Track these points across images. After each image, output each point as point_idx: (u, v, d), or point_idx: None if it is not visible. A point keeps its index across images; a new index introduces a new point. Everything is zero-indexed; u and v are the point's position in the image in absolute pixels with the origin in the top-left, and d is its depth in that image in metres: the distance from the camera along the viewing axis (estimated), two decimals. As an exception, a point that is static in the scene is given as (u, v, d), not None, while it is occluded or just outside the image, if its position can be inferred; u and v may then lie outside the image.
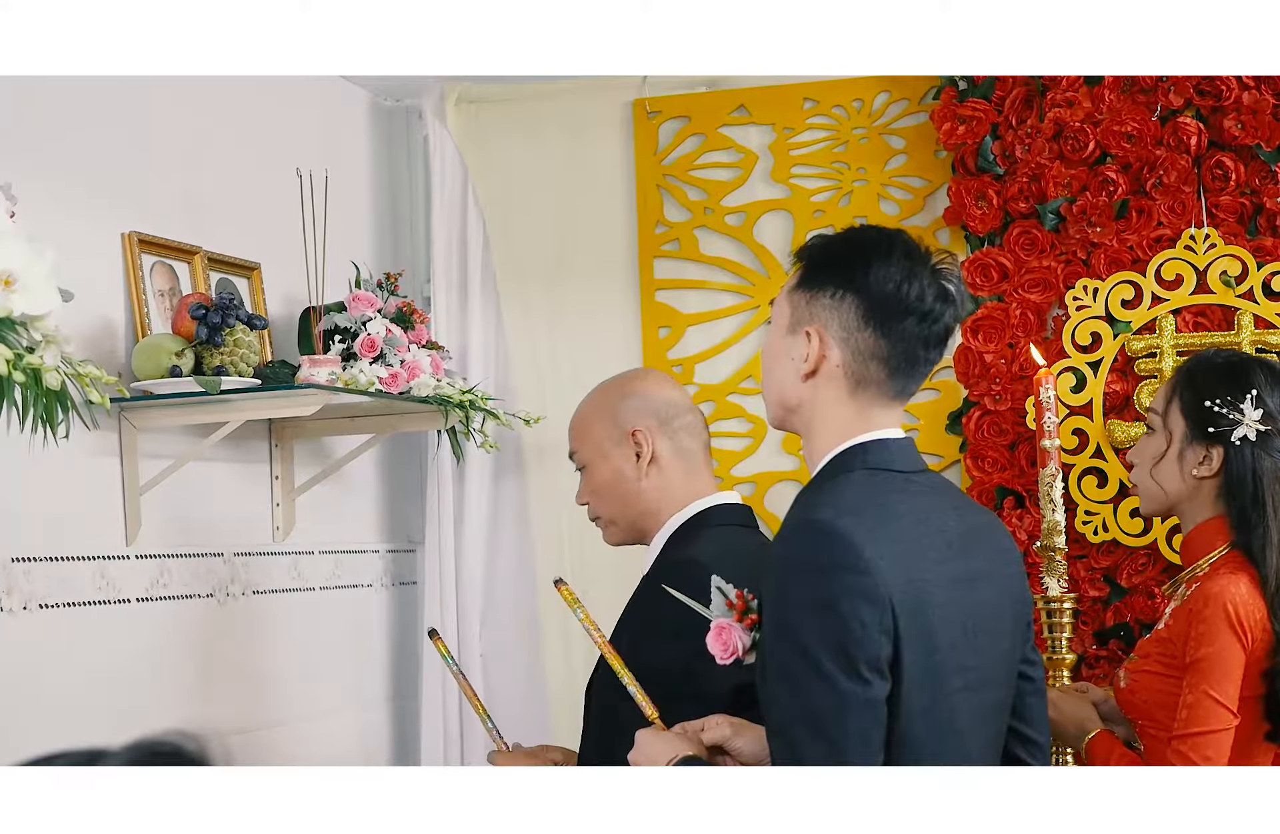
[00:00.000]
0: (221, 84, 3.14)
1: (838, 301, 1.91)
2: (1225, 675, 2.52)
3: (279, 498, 3.34)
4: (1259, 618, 2.54)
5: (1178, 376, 2.72)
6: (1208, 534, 2.66)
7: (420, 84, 3.77)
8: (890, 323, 1.89)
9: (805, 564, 1.80)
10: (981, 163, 3.42)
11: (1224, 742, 2.50)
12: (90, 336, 2.83)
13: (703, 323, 3.70)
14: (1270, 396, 2.63)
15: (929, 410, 3.51)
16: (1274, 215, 3.24)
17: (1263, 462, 2.61)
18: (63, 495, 2.74)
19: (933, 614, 1.81)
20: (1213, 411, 2.62)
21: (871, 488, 1.88)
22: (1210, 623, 2.54)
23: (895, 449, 1.93)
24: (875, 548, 1.78)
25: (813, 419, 1.96)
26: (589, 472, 2.59)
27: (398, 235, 3.94)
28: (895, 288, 1.88)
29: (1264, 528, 2.58)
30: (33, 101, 2.71)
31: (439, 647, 2.53)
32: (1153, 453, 2.70)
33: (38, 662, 2.65)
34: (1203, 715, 2.49)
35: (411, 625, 3.78)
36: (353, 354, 3.15)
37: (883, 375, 1.92)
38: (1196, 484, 2.66)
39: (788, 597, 1.81)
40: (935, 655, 1.81)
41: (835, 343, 1.91)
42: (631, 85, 3.75)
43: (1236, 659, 2.52)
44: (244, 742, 3.14)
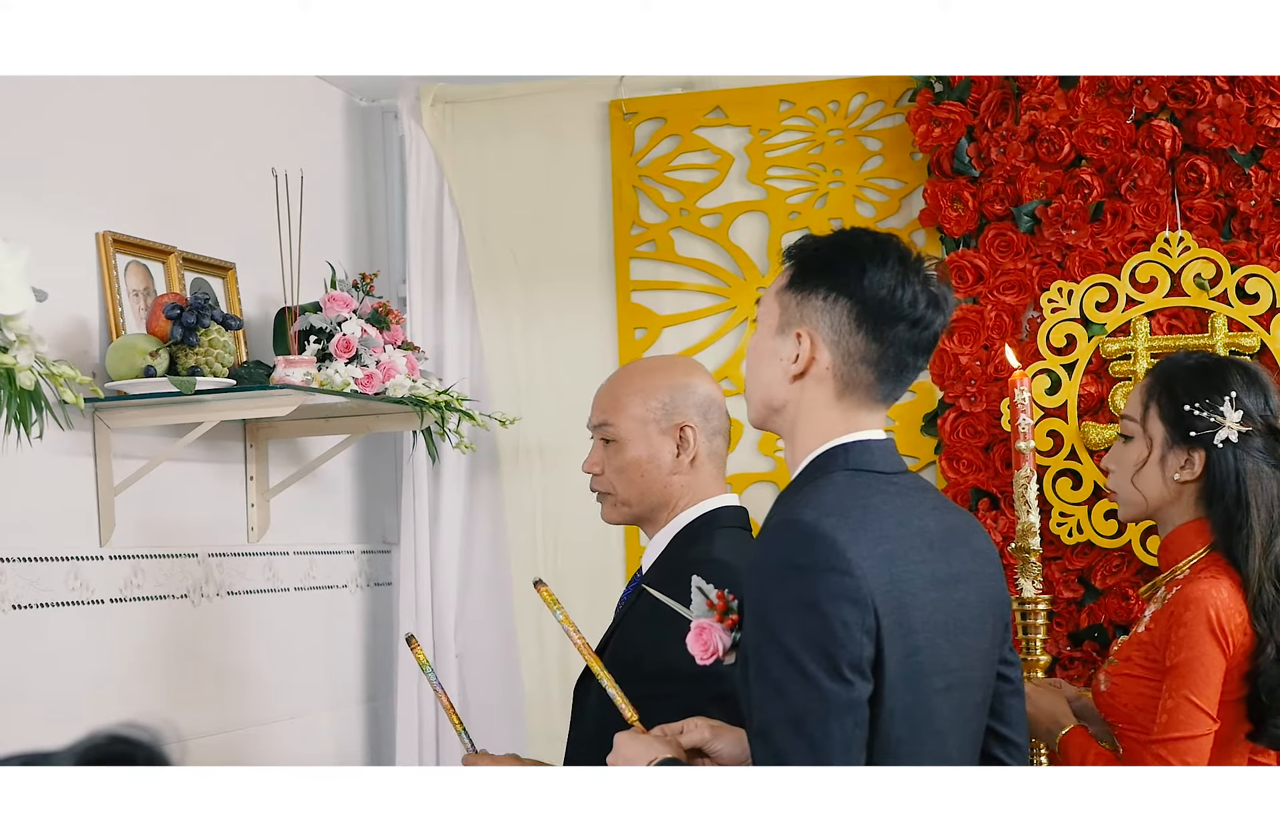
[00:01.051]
0: (197, 84, 3.14)
1: (830, 304, 1.91)
2: (1205, 680, 2.52)
3: (254, 498, 3.33)
4: (1239, 622, 2.55)
5: (1151, 381, 2.72)
6: (1187, 537, 2.66)
7: (396, 84, 3.77)
8: (882, 328, 1.90)
9: (787, 565, 1.80)
10: (957, 165, 3.43)
11: (1204, 746, 2.50)
12: (64, 336, 2.82)
13: (679, 324, 3.70)
14: (1247, 397, 2.63)
15: (904, 412, 3.52)
16: (1248, 218, 3.25)
17: (1245, 463, 2.61)
18: (36, 496, 2.73)
19: (914, 615, 1.81)
20: (1193, 416, 2.62)
21: (853, 489, 1.88)
22: (1191, 627, 2.54)
23: (877, 450, 1.94)
24: (858, 548, 1.78)
25: (797, 420, 1.96)
26: (619, 448, 2.52)
27: (373, 236, 3.93)
28: (889, 293, 1.89)
29: (1248, 530, 2.58)
30: (6, 101, 2.70)
31: (417, 655, 2.48)
32: (1134, 460, 2.69)
33: (10, 662, 2.64)
34: (1182, 720, 2.50)
35: (386, 626, 3.78)
36: (328, 354, 3.14)
37: (871, 379, 1.92)
38: (1178, 488, 2.66)
39: (770, 598, 1.81)
40: (916, 656, 1.81)
41: (825, 345, 1.91)
42: (607, 86, 3.75)
43: (1216, 665, 2.53)
44: (218, 742, 3.13)
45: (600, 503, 2.59)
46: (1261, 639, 2.55)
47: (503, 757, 2.47)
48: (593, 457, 2.56)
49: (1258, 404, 2.64)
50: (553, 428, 3.73)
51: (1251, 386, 2.65)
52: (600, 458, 2.54)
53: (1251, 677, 2.55)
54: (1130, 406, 2.73)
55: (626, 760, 2.04)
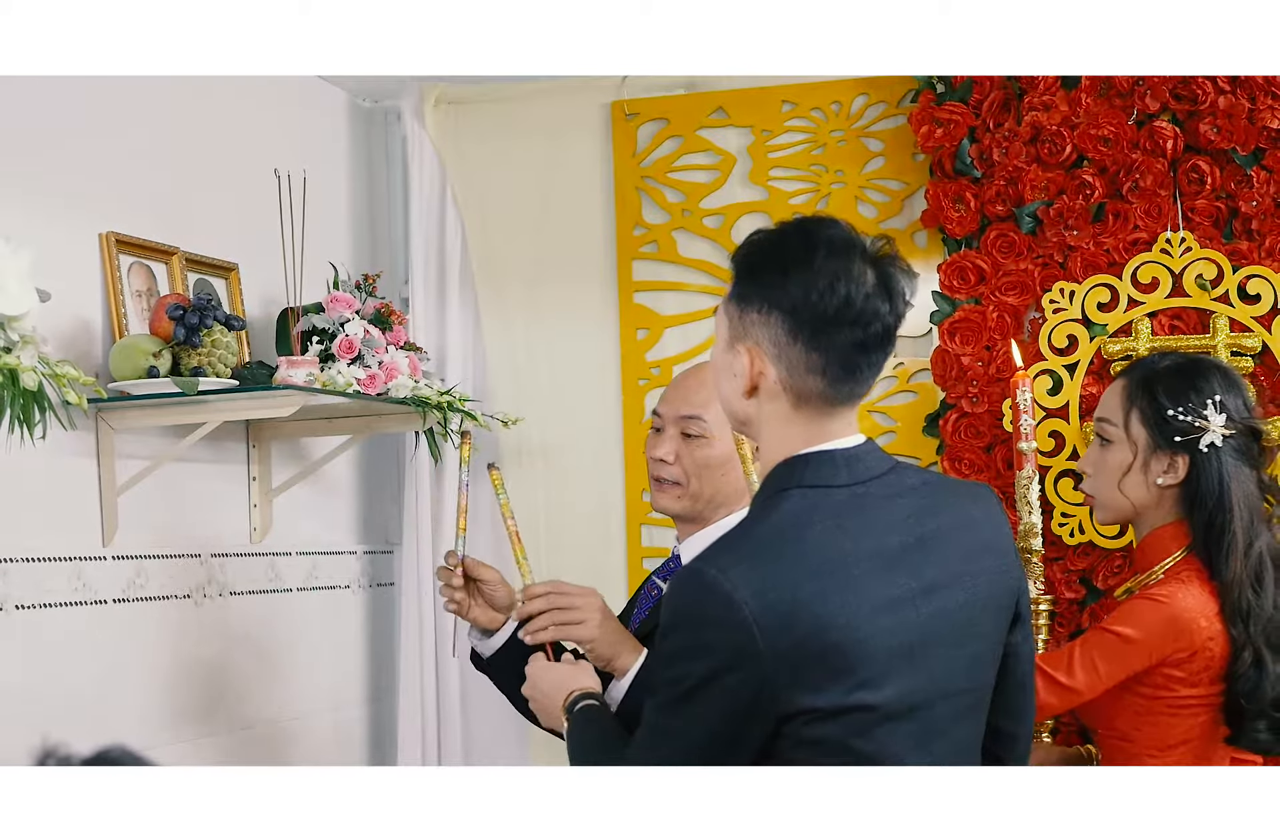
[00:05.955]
0: (199, 84, 3.14)
1: (765, 317, 1.83)
2: (1118, 657, 2.55)
3: (256, 499, 3.33)
4: (1202, 627, 2.55)
5: (1129, 384, 2.70)
6: (1164, 539, 2.67)
7: (399, 85, 3.77)
8: (818, 336, 1.81)
9: (684, 612, 1.79)
10: (959, 166, 3.43)
11: (1069, 699, 2.56)
12: (67, 337, 2.82)
13: (681, 325, 3.71)
14: (1228, 399, 2.63)
15: (906, 412, 3.52)
16: (1249, 219, 3.25)
17: (1228, 467, 2.62)
18: (39, 496, 2.73)
19: (850, 651, 1.76)
20: (1177, 420, 2.62)
21: (794, 519, 1.81)
22: (1142, 614, 2.57)
23: (840, 461, 1.86)
24: (763, 600, 1.73)
25: (761, 433, 1.90)
26: (707, 443, 2.49)
27: (376, 236, 3.93)
28: (820, 297, 1.79)
29: (1230, 533, 2.58)
30: (8, 101, 2.70)
31: (494, 478, 2.51)
32: (1118, 465, 2.68)
33: (13, 663, 2.64)
34: (1075, 668, 2.57)
35: (388, 627, 3.78)
36: (330, 355, 3.14)
37: (822, 386, 1.83)
38: (1160, 492, 2.67)
39: (668, 637, 1.80)
40: (857, 691, 1.76)
41: (769, 360, 1.84)
42: (610, 87, 3.75)
43: (1138, 656, 2.55)
44: (220, 743, 3.13)
45: (656, 491, 2.56)
46: (1238, 643, 2.55)
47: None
48: (667, 445, 2.52)
49: (1237, 405, 2.64)
50: (555, 428, 3.73)
51: (1230, 387, 2.65)
52: (676, 447, 2.52)
53: (1229, 680, 2.56)
54: (1108, 410, 2.72)
55: (544, 694, 2.09)
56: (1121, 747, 2.62)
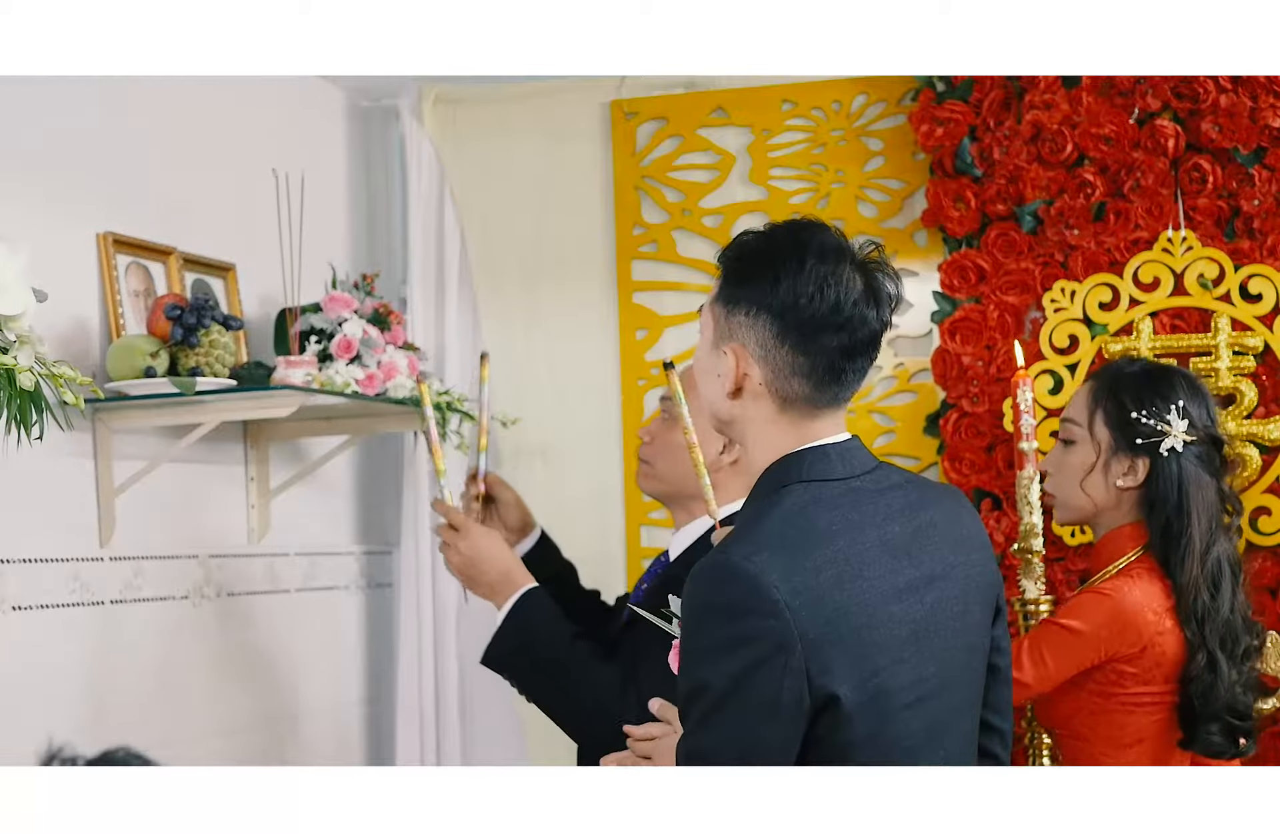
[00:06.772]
0: (197, 84, 3.13)
1: (752, 319, 1.85)
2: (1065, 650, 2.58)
3: (254, 499, 3.33)
4: (1150, 621, 2.58)
5: (1096, 386, 2.75)
6: (1120, 540, 2.72)
7: (397, 84, 3.76)
8: (807, 339, 1.83)
9: (710, 606, 1.78)
10: (959, 165, 3.43)
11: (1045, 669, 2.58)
12: (64, 337, 2.81)
13: (680, 324, 3.70)
14: (1192, 406, 2.68)
15: (906, 412, 3.52)
16: (1251, 218, 3.25)
17: (1187, 472, 2.67)
18: (36, 497, 2.73)
19: (871, 636, 1.78)
20: (1140, 423, 2.67)
21: (800, 509, 1.83)
22: (1087, 607, 2.61)
23: (835, 455, 1.87)
24: (789, 585, 1.74)
25: (746, 434, 1.91)
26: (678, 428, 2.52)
27: (374, 236, 3.92)
28: (809, 301, 1.81)
29: (1187, 538, 2.64)
30: (6, 100, 2.69)
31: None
32: (1081, 464, 2.74)
33: (11, 664, 2.63)
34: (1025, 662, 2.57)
35: (387, 628, 3.77)
36: (329, 355, 3.14)
37: (808, 390, 1.86)
38: (1119, 494, 2.71)
39: (693, 639, 1.79)
40: (875, 678, 1.78)
41: (755, 361, 1.85)
42: (609, 86, 3.75)
43: (1085, 650, 2.58)
44: (220, 743, 3.13)
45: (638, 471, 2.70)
46: (1193, 646, 2.59)
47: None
48: (649, 426, 2.66)
49: (1200, 413, 2.70)
50: (554, 428, 3.73)
51: (1194, 396, 2.71)
52: (654, 428, 2.59)
53: (1184, 683, 2.58)
54: (1074, 410, 2.77)
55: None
56: (1079, 746, 2.66)
